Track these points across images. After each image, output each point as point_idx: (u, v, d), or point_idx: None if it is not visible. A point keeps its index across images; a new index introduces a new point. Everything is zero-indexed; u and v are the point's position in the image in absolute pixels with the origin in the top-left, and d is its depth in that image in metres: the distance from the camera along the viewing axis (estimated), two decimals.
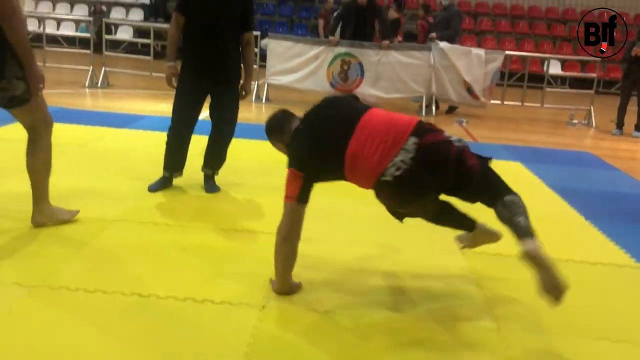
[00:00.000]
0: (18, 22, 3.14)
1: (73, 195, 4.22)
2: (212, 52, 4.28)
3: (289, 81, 9.81)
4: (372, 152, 2.69)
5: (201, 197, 4.43)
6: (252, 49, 4.53)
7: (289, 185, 2.87)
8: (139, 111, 7.91)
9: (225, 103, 4.45)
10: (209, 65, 4.30)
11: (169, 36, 4.53)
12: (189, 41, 4.35)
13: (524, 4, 17.90)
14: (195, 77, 4.34)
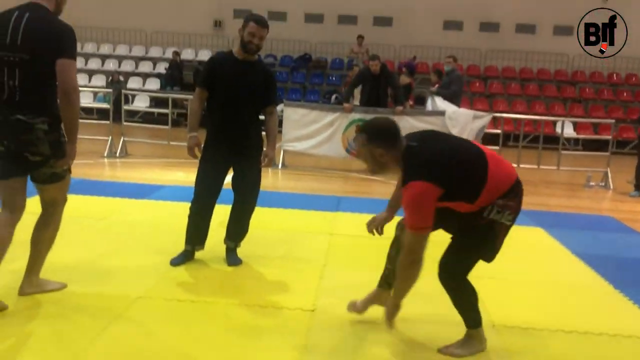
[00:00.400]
0: (76, 99, 3.32)
1: (95, 270, 4.22)
2: (234, 125, 4.33)
3: (305, 147, 9.89)
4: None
5: (224, 271, 4.40)
6: (274, 119, 4.56)
7: (421, 210, 2.82)
8: (158, 181, 7.97)
9: (247, 175, 4.47)
10: (231, 138, 4.34)
11: (190, 109, 4.60)
12: (211, 114, 4.42)
13: (533, 67, 18.17)
14: (218, 149, 4.38)
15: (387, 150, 2.94)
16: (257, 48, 4.32)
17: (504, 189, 2.96)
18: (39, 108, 3.30)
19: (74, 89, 3.29)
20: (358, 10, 18.38)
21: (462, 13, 18.16)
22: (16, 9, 3.32)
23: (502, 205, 2.97)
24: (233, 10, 18.37)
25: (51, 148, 3.35)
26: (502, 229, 3.04)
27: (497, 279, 4.56)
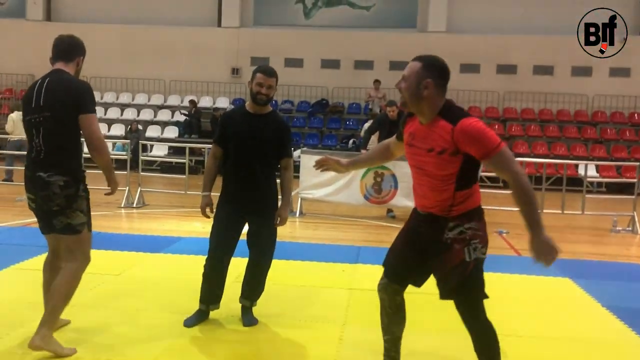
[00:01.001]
0: (103, 147, 3.73)
1: (107, 333, 4.09)
2: (247, 182, 4.25)
3: (322, 195, 9.80)
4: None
5: (239, 332, 4.24)
6: (289, 173, 4.48)
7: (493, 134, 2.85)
8: (175, 232, 7.89)
9: (262, 232, 4.35)
10: (245, 194, 4.26)
11: (206, 167, 4.56)
12: (225, 170, 4.35)
13: (552, 107, 18.04)
14: (232, 205, 4.29)
15: (434, 85, 2.93)
16: (267, 98, 4.26)
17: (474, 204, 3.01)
18: (58, 166, 3.62)
19: (98, 139, 3.68)
20: (374, 55, 18.50)
21: (478, 56, 18.18)
22: (43, 76, 3.81)
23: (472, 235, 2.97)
24: (250, 58, 18.60)
25: (67, 201, 3.65)
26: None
27: (524, 336, 4.37)
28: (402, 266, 3.26)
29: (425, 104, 2.96)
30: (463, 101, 18.19)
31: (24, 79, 19.57)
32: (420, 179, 3.09)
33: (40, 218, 3.83)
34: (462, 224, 2.97)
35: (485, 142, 2.81)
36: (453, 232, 2.97)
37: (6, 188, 10.74)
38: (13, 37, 19.52)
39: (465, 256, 2.95)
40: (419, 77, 2.95)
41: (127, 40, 18.64)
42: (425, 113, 2.98)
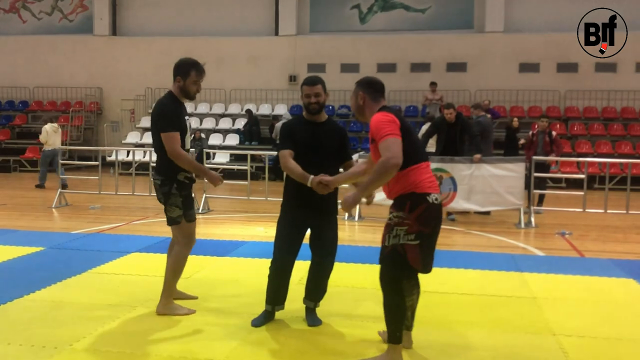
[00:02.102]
0: (181, 161, 4.52)
1: (180, 330, 4.34)
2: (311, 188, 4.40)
3: (382, 198, 9.77)
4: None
5: (304, 332, 4.41)
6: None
7: (387, 125, 3.56)
8: (239, 236, 8.15)
9: (324, 235, 4.51)
10: (309, 200, 4.41)
11: (289, 166, 4.36)
12: (290, 177, 4.51)
13: (616, 105, 17.57)
14: (296, 209, 4.46)
15: (367, 97, 3.83)
16: (319, 106, 4.41)
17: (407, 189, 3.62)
18: (157, 170, 4.68)
19: (173, 156, 4.52)
20: (431, 57, 18.47)
21: (538, 55, 17.90)
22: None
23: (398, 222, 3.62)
24: (307, 65, 18.88)
25: (163, 196, 4.62)
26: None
27: (586, 337, 4.37)
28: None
29: (367, 111, 3.86)
30: (523, 101, 17.95)
31: (92, 92, 20.46)
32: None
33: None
34: (392, 212, 3.68)
35: (377, 130, 3.58)
36: (388, 218, 3.71)
37: (81, 197, 11.29)
38: (81, 52, 20.43)
39: (385, 241, 3.68)
40: (355, 93, 3.90)
41: (189, 52, 19.02)
42: (368, 118, 3.83)
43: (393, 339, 3.70)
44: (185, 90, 4.68)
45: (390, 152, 3.47)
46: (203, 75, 4.72)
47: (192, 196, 4.86)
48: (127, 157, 15.88)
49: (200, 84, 4.72)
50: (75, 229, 8.64)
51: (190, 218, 4.76)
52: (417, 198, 3.60)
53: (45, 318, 4.61)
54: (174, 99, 4.71)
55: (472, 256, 7.09)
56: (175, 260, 4.72)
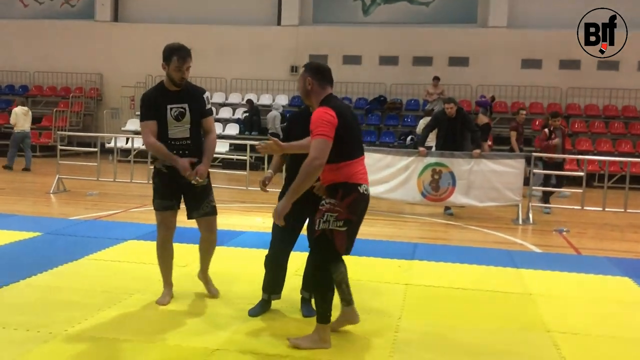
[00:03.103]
0: (153, 149, 4.57)
1: (174, 318, 4.34)
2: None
3: (379, 192, 9.87)
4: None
5: (300, 322, 4.42)
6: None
7: (323, 125, 3.67)
8: (237, 226, 8.14)
9: None
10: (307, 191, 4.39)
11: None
12: (289, 167, 4.51)
13: (617, 104, 17.55)
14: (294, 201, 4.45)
15: (315, 83, 3.90)
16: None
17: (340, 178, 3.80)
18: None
19: (145, 144, 4.63)
20: (433, 51, 18.41)
21: (540, 51, 17.84)
22: None
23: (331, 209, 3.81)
24: (309, 56, 18.79)
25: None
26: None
27: (580, 334, 4.38)
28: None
29: (313, 97, 3.94)
30: (525, 97, 17.91)
31: (93, 77, 20.40)
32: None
33: None
34: (324, 199, 3.86)
35: (314, 126, 3.70)
36: (320, 204, 3.87)
37: (79, 183, 11.28)
38: (83, 38, 20.34)
39: (315, 225, 3.87)
40: (303, 77, 3.95)
41: (190, 40, 18.66)
42: (313, 104, 3.94)
43: (323, 319, 3.90)
44: (169, 77, 4.50)
45: (315, 153, 3.64)
46: (186, 60, 4.45)
47: (175, 186, 4.60)
48: (126, 144, 15.85)
49: (184, 70, 4.46)
50: (73, 215, 8.64)
51: (159, 207, 4.66)
52: (349, 187, 3.82)
53: (41, 303, 4.61)
54: (159, 87, 4.61)
55: (469, 251, 7.10)
56: (156, 247, 4.82)
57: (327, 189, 3.88)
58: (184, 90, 4.58)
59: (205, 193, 4.71)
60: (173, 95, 4.54)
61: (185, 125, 4.55)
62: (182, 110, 4.55)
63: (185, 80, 4.55)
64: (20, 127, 14.33)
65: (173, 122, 4.52)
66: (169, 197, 4.66)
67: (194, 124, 4.58)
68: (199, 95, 4.62)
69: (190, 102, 4.57)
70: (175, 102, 4.54)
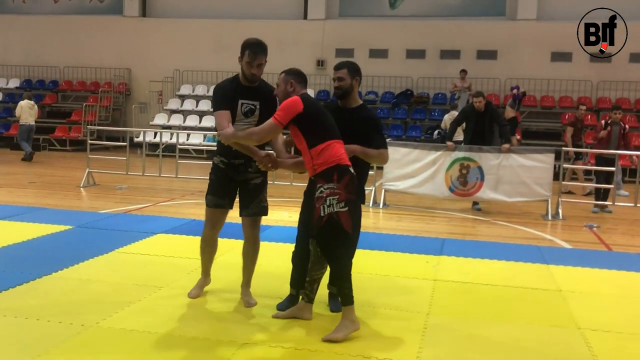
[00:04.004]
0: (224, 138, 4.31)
1: (205, 312, 4.38)
2: None
3: (406, 187, 9.85)
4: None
5: (327, 317, 4.42)
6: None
7: (284, 112, 4.01)
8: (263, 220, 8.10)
9: None
10: None
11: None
12: None
13: None
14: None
15: (297, 87, 4.21)
16: (341, 90, 4.39)
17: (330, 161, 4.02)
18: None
19: (218, 134, 4.40)
20: (461, 44, 18.22)
21: (570, 44, 17.47)
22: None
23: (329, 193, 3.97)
24: (335, 50, 18.77)
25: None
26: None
27: (611, 332, 4.32)
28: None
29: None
30: (554, 90, 17.64)
31: (121, 72, 20.63)
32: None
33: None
34: (322, 185, 4.00)
35: (279, 111, 4.06)
36: (317, 192, 4.01)
37: (108, 177, 11.42)
38: (111, 33, 20.57)
39: (321, 212, 3.97)
40: (286, 81, 4.23)
41: (218, 34, 19.21)
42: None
43: (349, 300, 4.03)
44: (242, 71, 4.44)
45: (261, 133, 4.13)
46: (258, 56, 4.35)
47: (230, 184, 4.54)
48: (154, 138, 16.02)
49: (254, 65, 4.35)
50: (103, 208, 8.76)
51: (210, 203, 4.62)
52: (342, 169, 4.02)
53: (73, 296, 4.69)
54: (234, 80, 4.53)
55: (498, 247, 7.03)
56: (200, 240, 4.83)
57: (321, 174, 4.02)
58: (258, 88, 4.49)
59: (257, 191, 4.58)
60: (246, 91, 4.46)
61: (252, 122, 4.43)
62: (252, 108, 4.45)
63: (260, 78, 4.47)
64: (24, 120, 14.98)
65: (242, 117, 4.43)
66: (222, 195, 4.57)
67: (261, 121, 4.39)
68: (271, 94, 4.49)
69: (262, 101, 4.48)
70: (248, 98, 4.45)
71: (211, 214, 4.66)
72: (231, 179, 4.55)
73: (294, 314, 4.33)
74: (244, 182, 4.57)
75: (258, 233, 4.74)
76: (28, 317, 4.20)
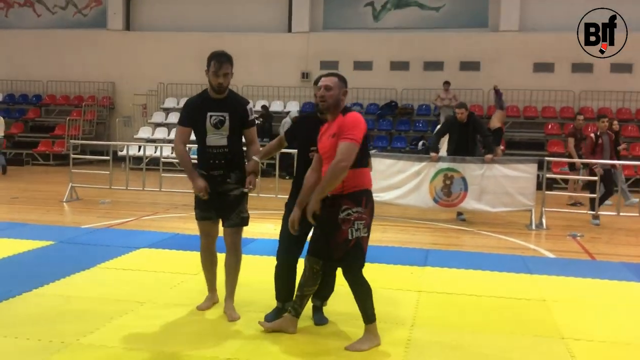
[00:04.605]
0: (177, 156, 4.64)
1: (186, 326, 4.33)
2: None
3: (391, 198, 9.86)
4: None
5: (310, 331, 4.39)
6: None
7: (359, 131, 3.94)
8: (249, 233, 8.05)
9: None
10: None
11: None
12: (296, 173, 4.51)
13: (631, 107, 17.40)
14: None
15: (345, 93, 4.10)
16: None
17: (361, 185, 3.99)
18: None
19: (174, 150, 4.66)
20: (444, 56, 18.35)
21: (552, 54, 17.73)
22: None
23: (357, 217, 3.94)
24: (320, 62, 18.83)
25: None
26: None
27: (594, 341, 4.33)
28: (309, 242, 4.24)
29: (337, 109, 4.06)
30: (537, 101, 17.81)
31: (105, 86, 20.54)
32: (325, 165, 3.99)
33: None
34: (350, 208, 3.93)
35: (350, 129, 3.89)
36: (343, 214, 3.92)
37: (92, 191, 11.33)
38: (95, 47, 20.48)
39: (349, 235, 3.93)
40: (340, 87, 4.07)
41: (202, 48, 18.96)
42: (336, 113, 4.04)
43: (372, 318, 4.10)
44: (209, 83, 4.51)
45: (343, 156, 3.83)
46: (223, 66, 4.43)
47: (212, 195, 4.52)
48: (139, 152, 15.93)
49: (220, 75, 4.42)
50: (86, 223, 8.68)
51: (197, 216, 4.73)
52: (369, 194, 4.06)
53: (53, 313, 4.62)
54: (203, 94, 4.63)
55: (482, 257, 7.05)
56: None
57: (350, 196, 3.95)
58: (226, 99, 4.56)
59: (237, 202, 4.62)
60: (215, 103, 4.54)
61: (224, 134, 4.51)
62: (221, 119, 4.51)
63: (226, 88, 4.52)
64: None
65: (212, 129, 4.50)
66: (206, 208, 4.62)
67: (233, 133, 4.53)
68: (241, 105, 4.59)
69: (231, 112, 4.54)
70: (216, 110, 4.52)
71: (201, 226, 4.77)
72: (214, 190, 4.56)
73: (280, 327, 4.28)
74: (223, 193, 4.59)
75: (239, 243, 4.75)
76: (7, 335, 4.14)
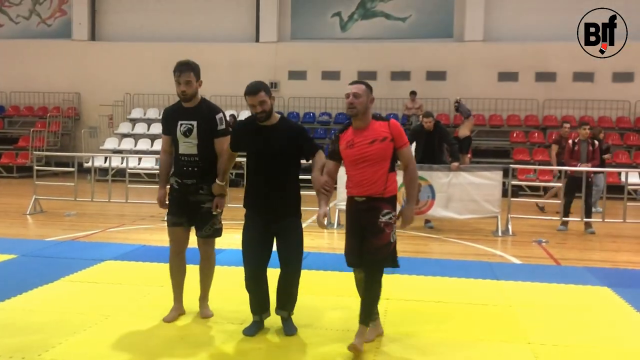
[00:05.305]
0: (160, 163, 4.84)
1: (150, 339, 4.27)
2: (264, 189, 4.35)
3: None
4: None
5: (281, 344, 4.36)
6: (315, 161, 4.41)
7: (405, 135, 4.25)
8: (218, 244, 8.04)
9: (287, 240, 4.41)
10: (263, 203, 4.36)
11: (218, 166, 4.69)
12: (248, 178, 4.49)
13: (593, 115, 17.78)
14: (254, 216, 4.42)
15: (372, 102, 4.24)
16: (266, 114, 4.29)
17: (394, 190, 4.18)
18: None
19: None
20: (411, 65, 18.55)
21: (516, 64, 18.06)
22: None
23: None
24: (288, 72, 18.86)
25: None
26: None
27: (559, 345, 4.38)
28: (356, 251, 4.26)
29: (369, 112, 4.21)
30: (502, 109, 18.09)
31: (70, 97, 20.25)
32: (363, 169, 4.10)
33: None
34: (391, 212, 4.09)
35: (402, 135, 4.17)
36: (385, 217, 4.06)
37: (56, 203, 11.12)
38: (60, 57, 20.20)
39: (390, 238, 4.10)
40: (368, 95, 4.20)
41: (169, 58, 18.82)
42: (366, 119, 4.18)
43: (373, 318, 4.29)
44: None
45: (412, 159, 4.20)
46: (183, 73, 4.52)
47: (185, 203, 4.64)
48: (105, 163, 15.72)
49: (181, 82, 4.52)
50: (50, 236, 8.51)
51: (169, 222, 4.78)
52: (396, 199, 4.23)
53: (15, 327, 4.51)
54: (177, 103, 4.72)
55: (449, 264, 7.10)
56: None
57: (389, 200, 4.14)
58: (197, 108, 4.63)
59: (209, 215, 4.70)
60: (185, 112, 4.63)
61: (193, 142, 4.59)
62: (189, 127, 4.60)
63: (191, 96, 4.59)
64: None
65: (182, 137, 4.61)
66: (179, 214, 4.71)
67: (203, 141, 4.58)
68: (210, 114, 4.62)
69: (199, 120, 4.59)
70: (186, 119, 4.61)
71: (172, 232, 4.79)
72: (187, 199, 4.65)
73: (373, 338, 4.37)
74: (196, 203, 4.65)
75: (212, 250, 4.89)
76: None
